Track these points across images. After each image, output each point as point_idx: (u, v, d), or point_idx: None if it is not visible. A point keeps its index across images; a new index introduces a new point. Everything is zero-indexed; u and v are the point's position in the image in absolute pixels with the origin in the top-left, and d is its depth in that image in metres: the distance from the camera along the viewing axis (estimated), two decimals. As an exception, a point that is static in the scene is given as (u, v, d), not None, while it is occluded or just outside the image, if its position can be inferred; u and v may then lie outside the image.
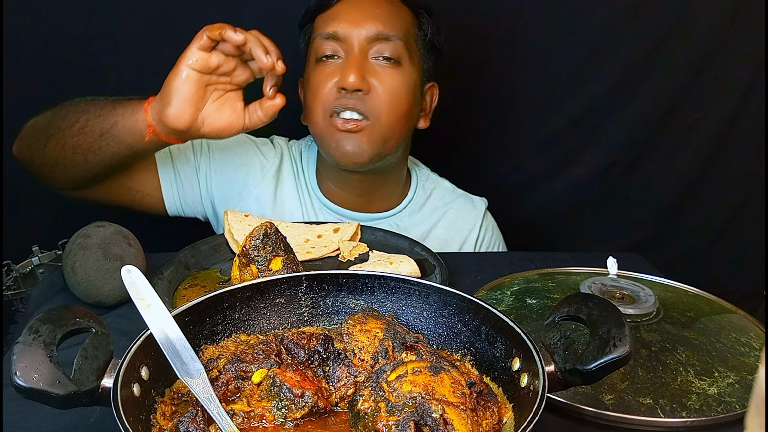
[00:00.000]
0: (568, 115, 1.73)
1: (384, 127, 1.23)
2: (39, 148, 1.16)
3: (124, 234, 1.00)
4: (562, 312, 0.69)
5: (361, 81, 1.20)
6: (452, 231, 1.41)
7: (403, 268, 1.05)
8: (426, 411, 0.59)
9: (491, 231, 1.45)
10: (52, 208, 1.54)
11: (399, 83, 1.24)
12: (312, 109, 1.26)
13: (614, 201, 1.81)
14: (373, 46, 1.23)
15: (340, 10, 1.25)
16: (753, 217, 1.79)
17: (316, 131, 1.28)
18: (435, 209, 1.42)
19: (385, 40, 1.23)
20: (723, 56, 1.66)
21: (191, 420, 0.61)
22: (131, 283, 0.67)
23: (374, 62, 1.24)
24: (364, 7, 1.25)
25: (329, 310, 0.79)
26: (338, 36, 1.23)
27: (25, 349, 0.57)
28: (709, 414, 0.76)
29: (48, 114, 1.17)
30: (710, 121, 1.72)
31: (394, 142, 1.27)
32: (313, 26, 1.30)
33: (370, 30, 1.22)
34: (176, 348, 0.64)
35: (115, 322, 0.92)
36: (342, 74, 1.21)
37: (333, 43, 1.24)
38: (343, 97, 1.21)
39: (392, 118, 1.24)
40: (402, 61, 1.25)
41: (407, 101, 1.26)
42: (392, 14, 1.26)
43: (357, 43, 1.22)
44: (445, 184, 1.47)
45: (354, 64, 1.21)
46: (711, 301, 1.02)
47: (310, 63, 1.29)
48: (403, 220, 1.38)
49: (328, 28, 1.24)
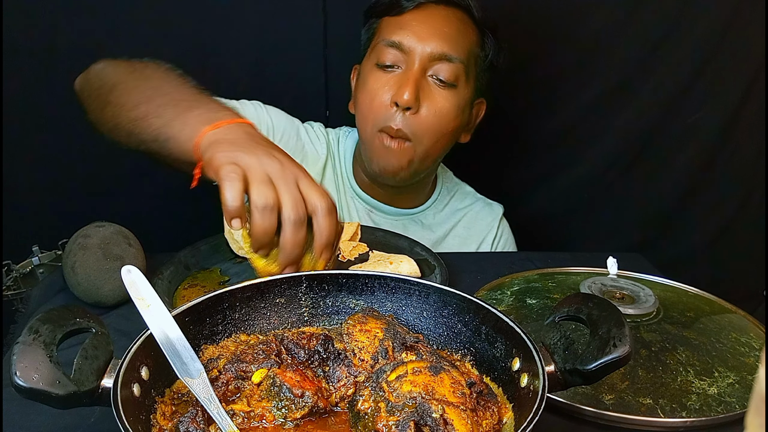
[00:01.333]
0: (568, 115, 1.73)
1: (426, 147, 1.26)
2: (97, 108, 1.10)
3: (124, 234, 1.00)
4: (562, 312, 0.69)
5: (414, 100, 1.21)
6: (471, 231, 1.46)
7: (403, 268, 1.05)
8: (426, 411, 0.59)
9: (507, 234, 1.50)
10: (52, 208, 1.54)
11: (450, 105, 1.25)
12: (364, 114, 1.28)
13: (614, 201, 1.81)
14: (434, 64, 1.23)
15: (409, 20, 1.25)
16: (753, 217, 1.79)
17: (363, 136, 1.31)
18: (457, 210, 1.47)
19: (447, 61, 1.23)
20: (723, 56, 1.66)
21: (191, 420, 0.61)
22: (131, 283, 0.67)
23: (431, 80, 1.24)
24: (434, 22, 1.25)
25: (329, 310, 0.79)
26: (402, 47, 1.23)
27: (25, 349, 0.57)
28: (709, 414, 0.76)
29: (119, 70, 1.11)
30: (710, 121, 1.72)
31: (432, 159, 1.31)
32: (379, 25, 1.30)
33: (435, 48, 1.22)
34: (176, 348, 0.64)
35: (115, 322, 0.92)
36: (398, 89, 1.22)
37: (395, 53, 1.24)
38: (394, 113, 1.23)
39: (434, 139, 1.26)
40: (458, 84, 1.25)
41: (454, 123, 1.27)
42: (459, 34, 1.26)
43: (419, 58, 1.23)
44: (466, 188, 1.52)
45: (411, 81, 1.21)
46: (711, 301, 1.02)
47: (369, 62, 1.29)
48: (427, 218, 1.43)
49: (394, 36, 1.24)
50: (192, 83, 1.05)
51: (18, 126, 1.47)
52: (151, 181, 1.59)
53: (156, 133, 0.99)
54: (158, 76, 1.08)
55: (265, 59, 1.57)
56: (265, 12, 1.53)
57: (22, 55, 1.46)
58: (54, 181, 1.55)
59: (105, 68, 1.13)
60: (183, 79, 1.06)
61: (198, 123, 0.93)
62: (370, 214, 1.39)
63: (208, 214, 1.36)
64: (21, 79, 1.47)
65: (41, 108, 1.49)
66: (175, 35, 1.50)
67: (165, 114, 0.99)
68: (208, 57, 1.53)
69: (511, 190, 1.79)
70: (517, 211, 1.78)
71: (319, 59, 1.52)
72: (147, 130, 1.01)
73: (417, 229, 1.40)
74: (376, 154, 1.28)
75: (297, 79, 1.57)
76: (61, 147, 1.53)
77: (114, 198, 1.58)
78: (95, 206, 1.54)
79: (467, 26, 1.28)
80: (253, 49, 1.56)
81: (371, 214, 1.39)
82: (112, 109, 1.06)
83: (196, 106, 0.98)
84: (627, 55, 1.67)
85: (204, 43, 1.53)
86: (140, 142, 1.02)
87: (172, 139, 0.96)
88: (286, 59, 1.57)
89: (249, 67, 1.57)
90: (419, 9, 1.26)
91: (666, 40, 1.65)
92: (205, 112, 0.96)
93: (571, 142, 1.76)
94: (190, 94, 1.02)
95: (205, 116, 0.94)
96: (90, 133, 1.51)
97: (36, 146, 1.51)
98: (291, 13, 1.54)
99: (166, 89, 1.04)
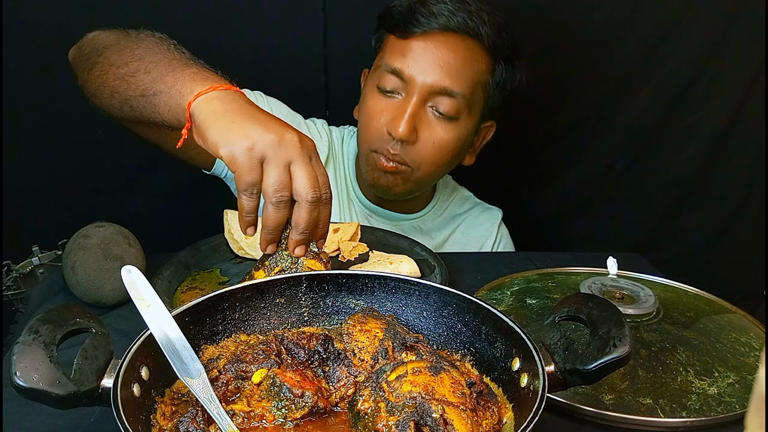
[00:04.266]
0: (568, 116, 1.73)
1: (423, 174, 1.25)
2: (84, 70, 1.08)
3: (124, 234, 1.00)
4: (562, 312, 0.69)
5: (410, 134, 1.19)
6: (470, 237, 1.45)
7: (403, 268, 1.05)
8: (426, 411, 0.59)
9: (506, 239, 1.49)
10: (52, 208, 1.54)
11: (449, 137, 1.22)
12: (362, 131, 1.27)
13: (614, 201, 1.81)
14: (434, 97, 1.20)
15: (413, 47, 1.20)
16: (753, 217, 1.79)
17: (360, 149, 1.30)
18: (455, 215, 1.46)
19: (447, 95, 1.20)
20: (723, 56, 1.66)
21: (191, 420, 0.61)
22: (131, 283, 0.67)
23: (430, 111, 1.21)
24: (438, 51, 1.19)
25: (329, 310, 0.79)
26: (403, 76, 1.20)
27: (25, 349, 0.57)
28: (709, 414, 0.76)
29: (111, 36, 1.09)
30: (710, 121, 1.72)
31: (430, 182, 1.31)
32: (386, 43, 1.26)
33: (435, 81, 1.19)
34: (176, 348, 0.64)
35: (115, 322, 0.92)
36: (394, 119, 1.20)
37: (396, 80, 1.21)
38: (389, 141, 1.21)
39: (433, 168, 1.25)
40: (460, 117, 1.22)
41: (453, 153, 1.25)
42: (465, 65, 1.20)
43: (418, 90, 1.19)
44: (465, 193, 1.51)
45: (407, 114, 1.18)
46: (711, 301, 1.02)
47: (371, 81, 1.26)
48: (426, 224, 1.42)
49: (396, 63, 1.21)
50: (186, 52, 1.02)
51: (18, 126, 1.46)
52: (151, 181, 1.59)
53: (144, 87, 0.97)
54: (151, 40, 1.05)
55: (265, 59, 1.57)
56: (265, 12, 1.53)
57: (23, 55, 1.46)
58: (54, 181, 1.55)
59: (98, 35, 1.11)
60: (177, 47, 1.03)
61: (191, 81, 0.91)
62: (368, 218, 1.38)
63: (208, 214, 1.37)
64: (21, 79, 1.47)
65: (41, 108, 1.49)
66: (175, 35, 1.49)
67: (156, 70, 0.97)
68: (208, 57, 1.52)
69: (512, 190, 1.79)
70: (518, 212, 1.78)
71: (319, 59, 1.52)
72: (134, 85, 0.98)
73: (416, 235, 1.38)
74: (371, 172, 1.27)
75: (297, 79, 1.57)
76: (61, 147, 1.53)
77: (114, 198, 1.58)
78: (95, 206, 1.54)
79: (476, 55, 1.22)
80: (253, 48, 1.56)
81: (370, 218, 1.38)
82: (100, 67, 1.04)
83: (190, 66, 0.96)
84: (627, 54, 1.67)
85: (204, 43, 1.52)
86: (125, 99, 1.00)
87: (161, 93, 0.94)
88: (286, 59, 1.57)
89: (249, 67, 1.56)
90: (426, 36, 1.20)
91: (666, 39, 1.65)
92: (199, 71, 0.94)
93: (572, 142, 1.76)
94: (183, 58, 1.00)
95: (200, 75, 0.92)
96: (90, 133, 1.52)
97: (36, 146, 1.51)
98: (291, 13, 1.54)
99: (158, 50, 1.01)
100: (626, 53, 1.67)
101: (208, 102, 0.87)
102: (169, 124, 0.96)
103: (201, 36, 1.52)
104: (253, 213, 0.84)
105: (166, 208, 1.60)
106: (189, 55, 1.01)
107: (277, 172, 0.80)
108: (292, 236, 0.84)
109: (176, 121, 0.93)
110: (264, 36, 1.55)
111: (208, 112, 0.85)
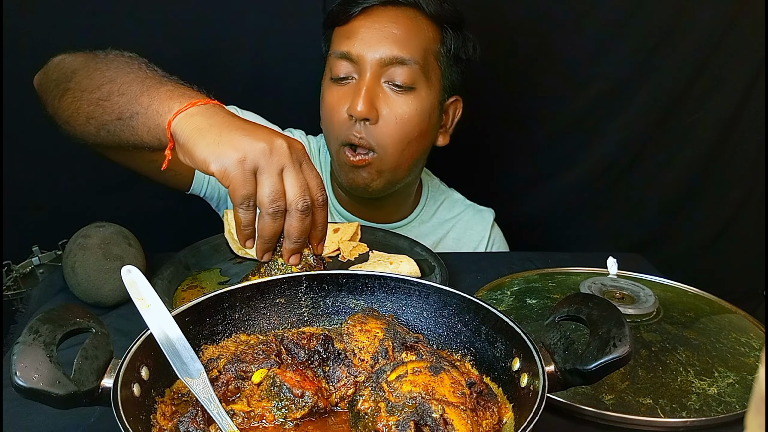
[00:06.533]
0: (568, 115, 1.73)
1: (392, 157, 1.22)
2: (54, 98, 1.04)
3: (124, 234, 1.00)
4: (562, 312, 0.69)
5: (369, 110, 1.17)
6: (461, 242, 1.42)
7: (403, 268, 1.05)
8: (426, 411, 0.59)
9: (500, 241, 1.46)
10: (52, 208, 1.54)
11: (411, 110, 1.20)
12: (326, 130, 1.26)
13: (614, 201, 1.81)
14: (387, 69, 1.19)
15: (356, 28, 1.20)
16: (753, 217, 1.79)
17: (330, 152, 1.28)
18: (445, 220, 1.43)
19: (400, 64, 1.19)
20: (723, 56, 1.66)
21: (191, 420, 0.61)
22: (131, 283, 0.67)
23: (386, 86, 1.20)
24: (381, 26, 1.19)
25: (329, 310, 0.79)
26: (351, 57, 1.20)
27: (25, 349, 0.57)
28: (709, 414, 0.76)
29: (78, 59, 1.05)
30: (710, 121, 1.72)
31: (405, 168, 1.26)
32: (332, 36, 1.26)
33: (384, 53, 1.18)
34: (176, 348, 0.64)
35: (115, 322, 0.92)
36: (352, 101, 1.19)
37: (346, 64, 1.21)
38: (353, 125, 1.20)
39: (400, 147, 1.22)
40: (417, 86, 1.21)
41: (419, 127, 1.23)
42: (411, 34, 1.20)
43: (370, 66, 1.19)
44: (455, 195, 1.47)
45: (363, 91, 1.18)
46: (711, 301, 1.02)
47: (326, 77, 1.26)
48: (413, 231, 1.37)
49: (343, 47, 1.21)
50: (158, 70, 0.99)
51: (18, 126, 1.46)
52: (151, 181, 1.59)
53: (120, 110, 0.94)
54: (122, 60, 1.01)
55: (264, 60, 1.57)
56: (265, 12, 1.53)
57: (22, 54, 1.46)
58: (54, 181, 1.55)
59: (64, 59, 1.07)
60: (148, 65, 1.00)
61: (168, 99, 0.88)
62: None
63: (208, 214, 1.37)
64: (21, 79, 1.47)
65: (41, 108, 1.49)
66: (175, 36, 1.50)
67: (130, 91, 0.93)
68: (208, 58, 1.53)
69: (511, 190, 1.79)
70: (517, 211, 1.78)
71: (319, 60, 1.52)
72: (110, 108, 0.95)
73: None
74: (344, 171, 1.25)
75: (297, 80, 1.57)
76: (61, 147, 1.52)
77: (114, 198, 1.58)
78: (95, 206, 1.54)
79: (420, 24, 1.21)
80: (252, 49, 1.56)
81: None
82: (72, 94, 1.01)
83: (164, 83, 0.93)
84: (627, 54, 1.67)
85: (204, 44, 1.53)
86: (101, 125, 0.97)
87: (138, 115, 0.91)
88: (286, 60, 1.57)
89: (249, 68, 1.57)
90: (366, 14, 1.20)
91: (666, 40, 1.65)
92: (174, 87, 0.91)
93: (572, 142, 1.76)
94: (156, 75, 0.97)
95: (177, 91, 0.89)
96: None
97: (36, 146, 1.51)
98: (291, 13, 1.54)
99: (129, 69, 0.98)
100: (626, 53, 1.67)
101: (189, 119, 0.84)
102: (149, 145, 0.93)
103: (201, 38, 1.53)
104: (252, 226, 0.83)
105: (166, 208, 1.60)
106: (162, 72, 0.98)
107: (271, 182, 0.80)
108: (285, 246, 0.83)
109: (157, 141, 0.91)
110: (264, 37, 1.55)
111: (191, 129, 0.83)
